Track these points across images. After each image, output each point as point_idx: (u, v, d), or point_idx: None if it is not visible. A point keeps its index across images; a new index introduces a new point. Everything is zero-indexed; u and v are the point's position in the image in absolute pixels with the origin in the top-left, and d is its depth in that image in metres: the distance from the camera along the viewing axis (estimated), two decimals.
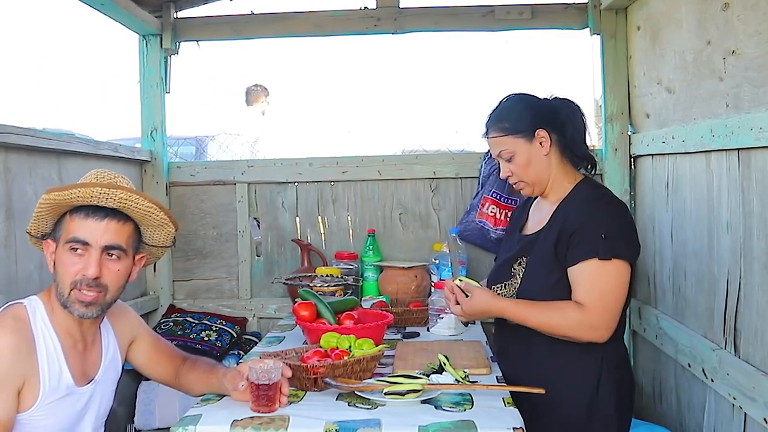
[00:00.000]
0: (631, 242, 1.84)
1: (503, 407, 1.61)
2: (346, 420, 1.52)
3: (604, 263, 1.77)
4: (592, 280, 1.79)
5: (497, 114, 1.96)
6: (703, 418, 2.14)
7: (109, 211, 1.60)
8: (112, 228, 1.60)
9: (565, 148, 1.94)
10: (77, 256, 1.58)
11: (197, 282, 3.27)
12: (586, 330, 1.78)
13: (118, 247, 1.61)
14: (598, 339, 1.78)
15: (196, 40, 3.26)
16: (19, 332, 1.56)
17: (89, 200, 1.57)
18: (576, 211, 1.87)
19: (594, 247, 1.78)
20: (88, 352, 1.70)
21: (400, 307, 2.68)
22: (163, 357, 1.88)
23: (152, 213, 1.64)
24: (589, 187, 1.94)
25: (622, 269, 1.80)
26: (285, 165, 3.25)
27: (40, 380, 1.56)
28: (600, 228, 1.79)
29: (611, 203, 1.90)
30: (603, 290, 1.78)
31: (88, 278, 1.57)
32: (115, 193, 1.57)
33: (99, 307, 1.61)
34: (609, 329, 1.78)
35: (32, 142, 2.26)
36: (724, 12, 1.96)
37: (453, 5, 3.18)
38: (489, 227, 2.96)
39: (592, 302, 1.77)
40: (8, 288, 2.12)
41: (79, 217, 1.59)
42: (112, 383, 1.79)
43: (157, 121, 3.23)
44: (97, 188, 1.56)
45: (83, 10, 2.72)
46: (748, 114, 1.81)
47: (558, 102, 1.97)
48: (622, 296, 1.81)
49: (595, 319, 1.77)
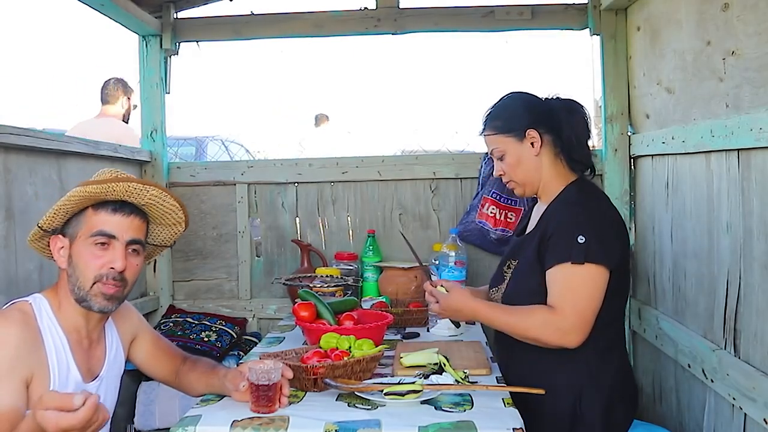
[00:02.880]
0: (609, 247, 1.79)
1: (503, 408, 1.60)
2: (346, 420, 1.52)
3: (577, 267, 1.74)
4: (564, 284, 1.76)
5: (492, 112, 1.97)
6: (703, 419, 2.14)
7: (134, 207, 1.65)
8: (136, 224, 1.66)
9: (560, 150, 1.92)
10: (102, 250, 1.61)
11: (197, 282, 3.27)
12: (554, 332, 1.74)
13: (140, 241, 1.67)
14: (568, 343, 1.74)
15: (196, 40, 3.26)
16: (27, 325, 1.56)
17: (123, 195, 1.62)
18: (557, 214, 1.86)
19: (568, 251, 1.75)
20: (93, 348, 1.71)
21: (400, 308, 2.67)
22: (163, 355, 1.89)
23: (173, 212, 1.71)
24: (576, 189, 1.91)
25: (597, 274, 1.75)
26: (285, 165, 3.25)
27: (50, 375, 1.56)
28: (576, 232, 1.76)
29: (593, 207, 1.86)
30: (574, 294, 1.74)
31: (116, 271, 1.60)
32: (148, 189, 1.63)
33: (118, 300, 1.65)
34: (579, 333, 1.73)
35: (32, 142, 2.25)
36: (723, 12, 1.96)
37: (453, 5, 3.18)
38: (489, 228, 2.96)
39: (562, 305, 1.74)
40: (8, 288, 2.12)
41: (105, 212, 1.62)
42: (116, 379, 1.80)
43: (157, 122, 3.23)
44: (133, 183, 1.61)
45: (83, 10, 2.72)
46: (748, 114, 1.81)
47: (557, 103, 1.95)
48: (594, 300, 1.75)
49: (565, 323, 1.73)
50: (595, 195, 1.94)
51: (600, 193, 1.99)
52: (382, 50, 11.83)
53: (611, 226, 1.85)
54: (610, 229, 1.84)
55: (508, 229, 2.93)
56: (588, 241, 1.74)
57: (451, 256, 2.64)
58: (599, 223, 1.82)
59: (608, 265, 1.77)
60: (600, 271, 1.76)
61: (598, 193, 1.96)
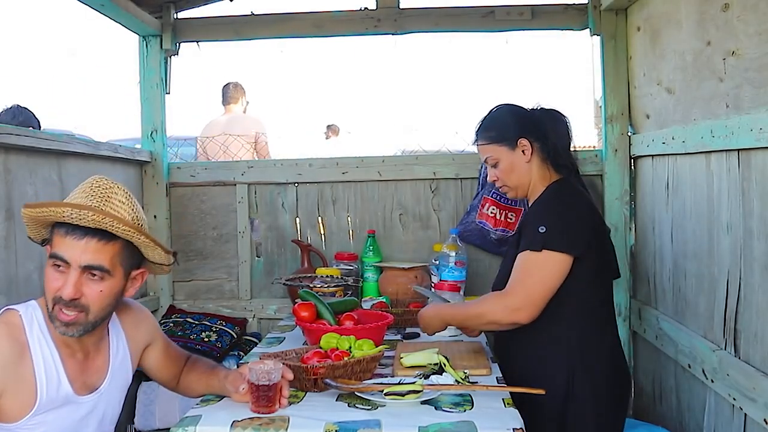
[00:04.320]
0: (571, 235, 1.89)
1: (503, 408, 1.61)
2: (346, 421, 1.52)
3: (534, 254, 1.87)
4: (520, 269, 1.90)
5: (485, 123, 2.11)
6: (703, 419, 2.14)
7: (89, 229, 1.48)
8: (92, 247, 1.48)
9: (547, 155, 2.05)
10: (58, 273, 1.50)
11: (197, 283, 3.27)
12: (503, 310, 1.89)
13: (99, 267, 1.50)
14: (518, 319, 1.86)
15: (196, 40, 3.26)
16: (11, 338, 1.50)
17: (61, 219, 1.48)
18: (531, 213, 2.03)
19: (529, 241, 1.89)
20: (91, 361, 1.64)
21: (400, 308, 2.67)
22: (171, 362, 1.85)
23: (131, 236, 1.53)
24: (554, 187, 2.03)
25: (554, 260, 1.86)
26: (285, 166, 3.25)
27: (37, 389, 1.51)
28: (540, 223, 1.90)
29: (560, 201, 1.98)
30: (526, 276, 1.88)
31: (65, 299, 1.49)
32: (87, 215, 1.45)
33: (81, 327, 1.52)
34: (527, 310, 1.85)
35: (32, 142, 2.25)
36: (724, 12, 1.96)
37: (453, 5, 3.19)
38: (489, 228, 2.96)
39: (513, 286, 1.89)
40: (8, 289, 2.12)
41: (60, 234, 1.50)
42: (120, 390, 1.74)
43: (157, 122, 3.23)
44: (68, 209, 1.46)
45: (83, 10, 2.72)
46: (748, 114, 1.81)
47: (542, 112, 2.09)
48: (546, 284, 1.86)
49: (512, 300, 1.87)
50: (569, 191, 2.04)
51: (575, 189, 2.06)
52: (382, 50, 11.81)
53: (577, 216, 1.95)
54: (574, 218, 1.94)
55: (508, 229, 2.94)
56: (548, 231, 1.87)
57: (451, 257, 2.64)
58: (562, 213, 1.94)
59: (569, 251, 1.87)
60: (558, 257, 1.86)
61: (573, 189, 2.05)
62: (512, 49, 9.65)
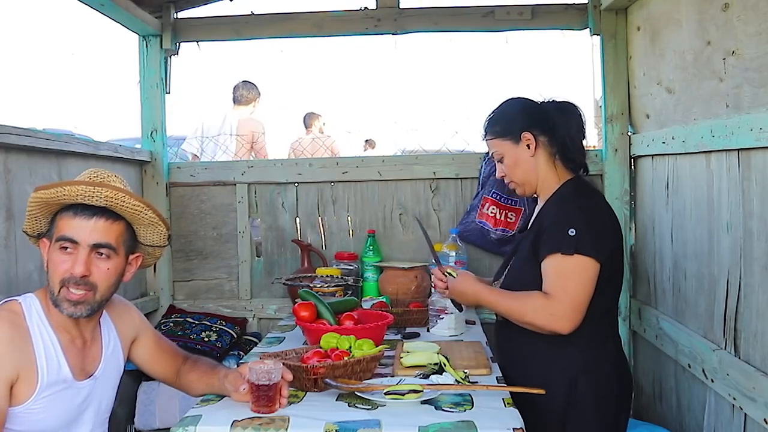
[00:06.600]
0: (599, 241, 1.84)
1: (503, 408, 1.60)
2: (346, 420, 1.52)
3: (566, 257, 1.81)
4: (556, 272, 1.83)
5: (492, 117, 2.06)
6: (704, 419, 2.14)
7: (97, 209, 1.59)
8: (101, 226, 1.59)
9: (555, 150, 1.98)
10: (66, 255, 1.58)
11: (197, 282, 3.28)
12: (547, 317, 1.81)
13: (107, 245, 1.60)
14: (559, 329, 1.81)
15: (196, 40, 3.27)
16: (15, 324, 1.56)
17: (75, 198, 1.57)
18: (552, 210, 1.94)
19: (558, 243, 1.83)
20: (88, 348, 1.70)
21: (400, 308, 2.67)
22: (164, 355, 1.88)
23: (140, 211, 1.63)
24: (571, 186, 1.97)
25: (586, 264, 1.81)
26: (285, 165, 3.25)
27: (38, 373, 1.56)
28: (567, 225, 1.83)
29: (585, 203, 1.92)
30: (567, 281, 1.81)
31: (76, 276, 1.57)
32: (101, 191, 1.56)
33: (89, 306, 1.61)
34: (570, 320, 1.80)
35: (32, 142, 2.26)
36: (724, 12, 1.96)
37: (453, 5, 3.19)
38: (489, 228, 2.96)
39: (556, 291, 1.82)
40: (8, 288, 2.12)
41: (67, 216, 1.59)
42: (113, 379, 1.79)
43: (157, 122, 3.23)
44: (83, 186, 1.55)
45: (83, 10, 2.72)
46: (748, 114, 1.81)
47: (552, 105, 2.01)
48: (586, 290, 1.82)
49: (558, 308, 1.80)
50: (589, 192, 2.00)
51: (594, 190, 2.05)
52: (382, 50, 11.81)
53: (602, 221, 1.91)
54: (601, 224, 1.90)
55: (508, 229, 2.94)
56: (578, 234, 1.81)
57: (451, 256, 2.64)
58: (590, 217, 1.88)
59: (598, 257, 1.82)
60: (590, 262, 1.81)
61: (592, 191, 2.02)
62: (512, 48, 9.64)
